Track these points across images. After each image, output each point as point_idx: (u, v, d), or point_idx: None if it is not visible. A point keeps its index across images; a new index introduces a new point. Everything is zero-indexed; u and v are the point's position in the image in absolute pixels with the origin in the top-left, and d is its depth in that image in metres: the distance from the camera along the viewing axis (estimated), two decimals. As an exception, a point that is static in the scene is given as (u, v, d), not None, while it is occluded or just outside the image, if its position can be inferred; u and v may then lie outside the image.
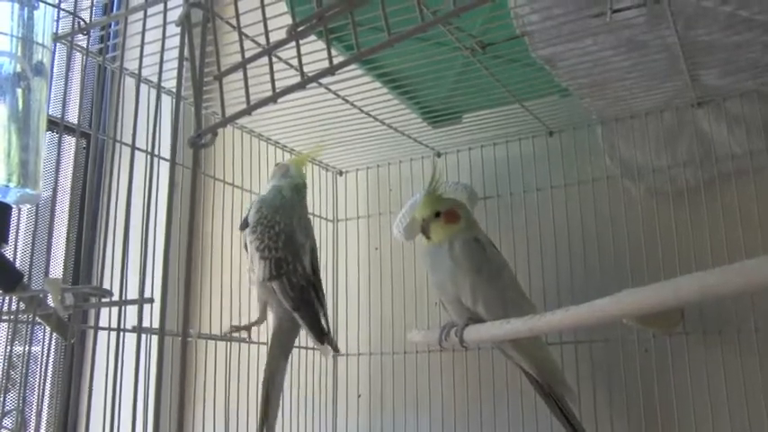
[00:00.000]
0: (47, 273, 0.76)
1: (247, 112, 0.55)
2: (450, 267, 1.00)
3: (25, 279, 0.72)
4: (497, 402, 1.19)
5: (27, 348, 0.75)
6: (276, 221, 1.05)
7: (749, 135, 1.08)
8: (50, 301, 0.68)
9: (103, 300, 0.66)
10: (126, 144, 0.79)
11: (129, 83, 0.89)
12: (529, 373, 1.03)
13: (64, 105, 0.79)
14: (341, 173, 1.46)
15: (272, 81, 0.55)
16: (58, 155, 0.80)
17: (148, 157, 0.72)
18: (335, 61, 0.52)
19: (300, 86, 0.52)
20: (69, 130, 0.99)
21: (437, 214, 1.03)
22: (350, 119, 1.17)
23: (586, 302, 0.67)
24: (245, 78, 0.56)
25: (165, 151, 0.85)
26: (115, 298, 0.66)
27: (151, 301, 0.64)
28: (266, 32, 0.59)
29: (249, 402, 1.19)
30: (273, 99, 0.53)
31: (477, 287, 0.98)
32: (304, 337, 1.33)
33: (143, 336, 0.68)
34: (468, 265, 0.99)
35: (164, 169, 0.73)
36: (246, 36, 0.75)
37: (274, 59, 0.56)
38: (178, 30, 0.62)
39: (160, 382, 0.56)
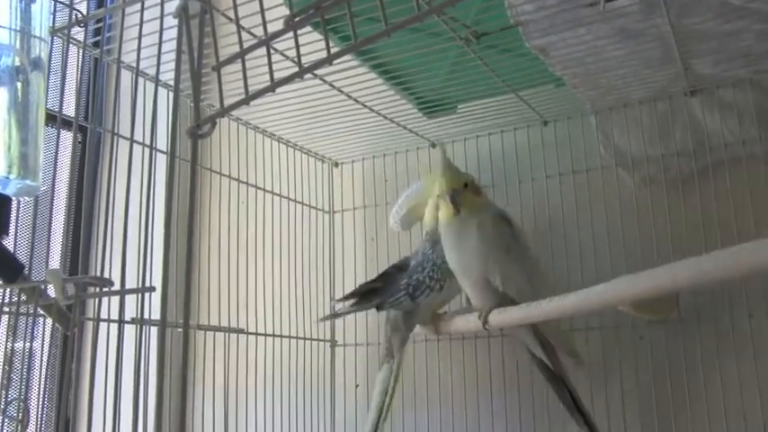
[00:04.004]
0: (47, 264, 0.76)
1: (246, 101, 0.56)
2: (477, 245, 0.93)
3: (26, 270, 0.73)
4: (496, 391, 1.20)
5: (29, 339, 0.75)
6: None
7: (742, 123, 1.08)
8: (51, 292, 0.68)
9: (104, 289, 0.66)
10: (124, 137, 0.80)
11: (126, 75, 0.89)
12: (538, 359, 0.99)
13: (61, 99, 0.79)
14: (336, 164, 1.46)
15: (270, 71, 0.55)
16: (56, 148, 0.80)
17: (146, 149, 0.72)
18: (332, 51, 0.52)
19: (298, 75, 0.53)
20: (67, 123, 0.99)
21: (464, 185, 0.97)
22: (346, 110, 1.18)
23: (582, 289, 0.68)
24: (244, 68, 0.57)
25: (162, 144, 0.86)
26: (115, 288, 0.67)
27: (152, 289, 0.64)
28: (264, 23, 0.59)
29: (248, 392, 1.20)
30: (272, 88, 0.53)
31: (506, 266, 0.92)
32: (302, 328, 1.34)
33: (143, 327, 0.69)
34: (500, 242, 0.93)
35: (161, 161, 0.73)
36: (243, 28, 0.75)
37: (271, 51, 0.57)
38: (175, 22, 0.62)
39: (162, 374, 0.56)
